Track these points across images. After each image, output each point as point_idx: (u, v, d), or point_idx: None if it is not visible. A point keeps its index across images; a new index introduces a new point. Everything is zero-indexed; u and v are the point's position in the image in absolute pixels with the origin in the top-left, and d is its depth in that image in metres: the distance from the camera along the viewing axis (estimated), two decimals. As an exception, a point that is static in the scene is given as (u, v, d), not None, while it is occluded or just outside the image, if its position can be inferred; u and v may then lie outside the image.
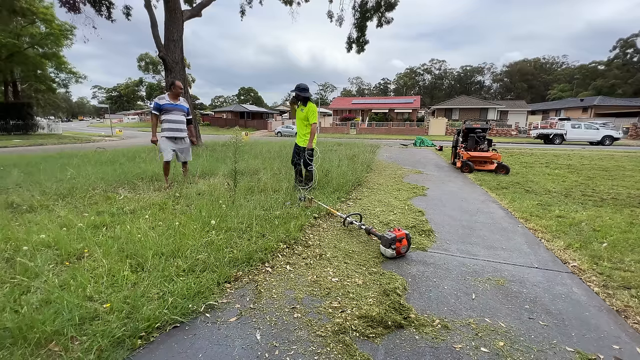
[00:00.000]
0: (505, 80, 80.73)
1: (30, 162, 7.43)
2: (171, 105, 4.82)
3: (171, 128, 4.85)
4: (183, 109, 4.96)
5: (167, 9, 11.00)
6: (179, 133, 4.93)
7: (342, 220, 3.53)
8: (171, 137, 4.89)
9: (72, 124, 63.14)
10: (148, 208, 3.71)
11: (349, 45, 15.89)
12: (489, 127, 8.87)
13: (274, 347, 1.64)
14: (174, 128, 4.87)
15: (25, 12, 22.44)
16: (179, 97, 4.96)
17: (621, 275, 2.44)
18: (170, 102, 4.82)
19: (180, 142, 5.01)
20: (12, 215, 3.45)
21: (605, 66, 63.34)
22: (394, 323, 1.83)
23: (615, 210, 4.24)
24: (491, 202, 4.82)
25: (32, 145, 16.10)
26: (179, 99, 4.95)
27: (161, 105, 4.77)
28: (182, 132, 4.97)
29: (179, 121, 4.90)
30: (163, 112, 4.81)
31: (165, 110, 4.80)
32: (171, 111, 4.83)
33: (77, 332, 1.62)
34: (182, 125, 4.95)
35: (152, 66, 51.36)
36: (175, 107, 4.85)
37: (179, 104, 4.90)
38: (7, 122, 23.38)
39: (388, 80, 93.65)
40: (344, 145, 12.45)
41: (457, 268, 2.60)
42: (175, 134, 4.90)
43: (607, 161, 9.97)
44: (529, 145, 19.38)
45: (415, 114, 40.75)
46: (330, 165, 6.64)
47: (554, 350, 1.66)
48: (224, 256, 2.49)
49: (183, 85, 10.27)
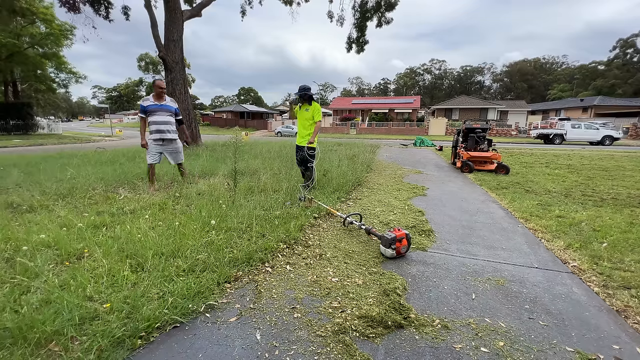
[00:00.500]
0: (505, 80, 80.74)
1: (30, 162, 7.43)
2: (156, 106, 4.62)
3: (157, 130, 4.65)
4: (169, 109, 4.73)
5: (167, 9, 11.00)
6: (165, 134, 4.69)
7: (342, 220, 3.53)
8: (158, 140, 4.69)
9: (72, 124, 63.13)
10: (148, 208, 3.71)
11: (349, 45, 15.90)
12: (489, 127, 8.87)
13: (274, 347, 1.64)
14: (159, 130, 4.65)
15: (25, 12, 22.47)
16: (165, 97, 4.73)
17: (621, 275, 2.44)
18: (154, 103, 4.62)
19: (169, 143, 4.79)
20: (12, 215, 3.45)
21: (605, 66, 63.36)
22: (394, 323, 1.83)
23: (615, 210, 4.24)
24: (491, 202, 4.82)
25: (32, 145, 16.10)
26: (165, 98, 4.73)
27: (146, 107, 4.60)
28: (169, 134, 4.72)
29: (164, 122, 4.67)
30: (149, 114, 4.63)
31: (151, 111, 4.61)
32: (156, 112, 4.63)
33: (77, 332, 1.62)
34: (168, 127, 4.71)
35: (152, 66, 51.35)
36: (160, 108, 4.64)
37: (164, 104, 4.68)
38: (7, 122, 23.39)
39: (388, 80, 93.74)
40: (344, 145, 12.45)
41: (457, 268, 2.60)
42: (161, 136, 4.68)
43: (607, 161, 9.97)
44: (529, 145, 19.38)
45: (415, 114, 40.74)
46: (330, 165, 6.64)
47: (554, 350, 1.66)
48: (224, 256, 2.49)
49: (184, 85, 10.12)
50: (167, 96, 4.77)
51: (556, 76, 70.93)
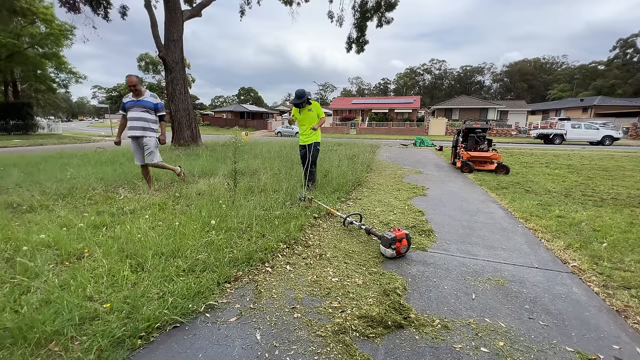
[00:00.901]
0: (505, 80, 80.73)
1: (30, 162, 7.43)
2: (131, 102, 4.44)
3: (129, 127, 4.47)
4: (145, 104, 4.46)
5: (167, 9, 11.01)
6: (134, 132, 4.47)
7: (342, 220, 3.53)
8: (131, 137, 4.52)
9: (72, 124, 63.20)
10: (148, 208, 3.71)
11: (348, 45, 15.91)
12: (489, 127, 8.87)
13: (274, 347, 1.64)
14: (130, 126, 4.47)
15: (25, 12, 22.46)
16: (145, 93, 4.51)
17: (621, 275, 2.43)
18: (131, 100, 4.45)
19: (139, 141, 4.55)
20: (12, 215, 3.45)
21: (605, 66, 63.37)
22: (394, 323, 1.83)
23: (615, 210, 4.24)
24: (491, 202, 4.82)
25: (32, 145, 16.10)
26: (145, 93, 4.50)
27: (125, 103, 4.47)
28: (138, 131, 4.47)
29: (136, 118, 4.44)
30: (127, 110, 4.48)
31: (127, 108, 4.46)
32: (131, 108, 4.45)
33: (77, 332, 1.62)
34: (140, 123, 4.45)
35: (152, 66, 51.28)
36: (135, 104, 4.43)
37: (141, 100, 4.45)
38: (7, 122, 23.39)
39: (388, 80, 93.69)
40: (344, 145, 12.45)
41: (457, 268, 2.60)
42: (132, 133, 4.48)
43: (607, 161, 9.97)
44: (529, 145, 19.38)
45: (415, 114, 40.73)
46: (330, 165, 6.64)
47: (554, 350, 1.66)
48: (224, 256, 2.49)
49: (184, 85, 10.06)
50: (148, 91, 4.56)
51: (556, 76, 70.93)
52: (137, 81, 4.39)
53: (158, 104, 4.61)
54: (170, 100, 11.47)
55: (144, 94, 4.52)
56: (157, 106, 4.59)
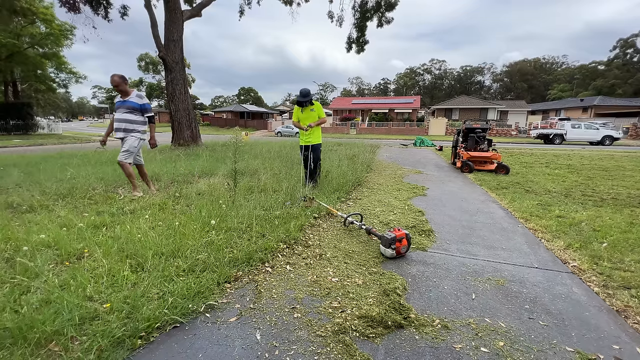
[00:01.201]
0: (505, 80, 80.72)
1: (30, 162, 7.43)
2: (119, 103, 4.40)
3: (115, 128, 4.43)
4: (130, 105, 4.37)
5: (167, 9, 11.01)
6: (118, 133, 4.40)
7: (342, 220, 3.53)
8: (118, 138, 4.49)
9: (72, 124, 63.16)
10: (148, 208, 3.71)
11: (349, 45, 15.91)
12: (489, 127, 8.87)
13: (274, 347, 1.64)
14: (115, 127, 4.42)
15: (25, 12, 22.45)
16: (131, 93, 4.42)
17: (621, 275, 2.44)
18: (119, 100, 4.41)
19: (123, 142, 4.44)
20: (12, 215, 3.45)
21: (605, 66, 63.36)
22: (394, 323, 1.83)
23: (615, 210, 4.24)
24: (491, 202, 4.82)
25: (32, 145, 16.09)
26: (131, 94, 4.41)
27: (115, 104, 4.47)
28: (120, 132, 4.39)
29: (119, 119, 4.36)
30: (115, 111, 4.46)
31: (116, 109, 4.43)
32: (117, 109, 4.40)
33: (77, 332, 1.62)
34: (122, 124, 4.37)
35: (152, 66, 51.33)
36: (121, 105, 4.37)
37: (126, 101, 4.37)
38: (7, 122, 23.37)
39: (388, 80, 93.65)
40: (344, 145, 12.45)
41: (457, 268, 2.60)
42: (116, 134, 4.43)
43: (607, 161, 9.97)
44: (529, 145, 19.38)
45: (415, 114, 40.72)
46: (330, 165, 6.64)
47: (554, 350, 1.66)
48: (224, 256, 2.49)
49: (184, 85, 10.02)
50: (135, 91, 4.46)
51: (556, 76, 70.92)
52: (120, 81, 4.29)
53: (145, 104, 4.50)
54: (170, 100, 11.47)
55: (130, 94, 4.42)
56: (144, 107, 4.48)
